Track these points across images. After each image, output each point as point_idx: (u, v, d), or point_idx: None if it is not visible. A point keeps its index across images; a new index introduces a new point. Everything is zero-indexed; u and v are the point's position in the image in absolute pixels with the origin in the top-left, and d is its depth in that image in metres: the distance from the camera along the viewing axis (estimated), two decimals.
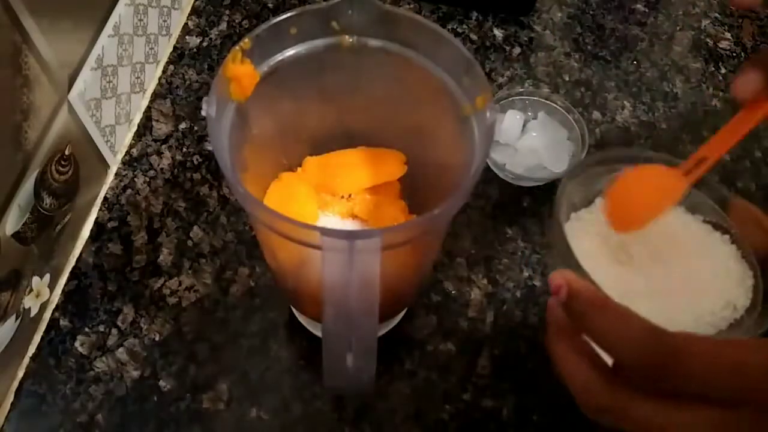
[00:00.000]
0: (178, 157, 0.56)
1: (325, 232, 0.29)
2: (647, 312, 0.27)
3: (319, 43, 0.38)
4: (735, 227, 0.32)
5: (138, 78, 0.57)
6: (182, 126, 0.58)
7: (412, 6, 0.66)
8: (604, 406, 0.26)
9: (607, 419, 0.26)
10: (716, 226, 0.33)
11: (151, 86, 0.60)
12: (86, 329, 0.48)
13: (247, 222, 0.52)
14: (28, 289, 0.46)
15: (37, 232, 0.46)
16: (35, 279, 0.47)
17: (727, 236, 0.33)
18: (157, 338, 0.48)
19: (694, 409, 0.24)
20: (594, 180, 0.35)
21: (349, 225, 0.47)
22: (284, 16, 0.37)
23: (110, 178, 0.55)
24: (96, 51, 0.49)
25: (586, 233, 0.34)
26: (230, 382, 0.46)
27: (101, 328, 0.48)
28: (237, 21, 0.64)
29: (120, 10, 0.52)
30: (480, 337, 0.49)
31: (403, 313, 0.48)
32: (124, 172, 0.55)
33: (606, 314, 0.25)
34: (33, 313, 0.47)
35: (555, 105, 0.57)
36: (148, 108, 0.58)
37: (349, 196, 0.47)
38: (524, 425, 0.46)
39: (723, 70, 0.64)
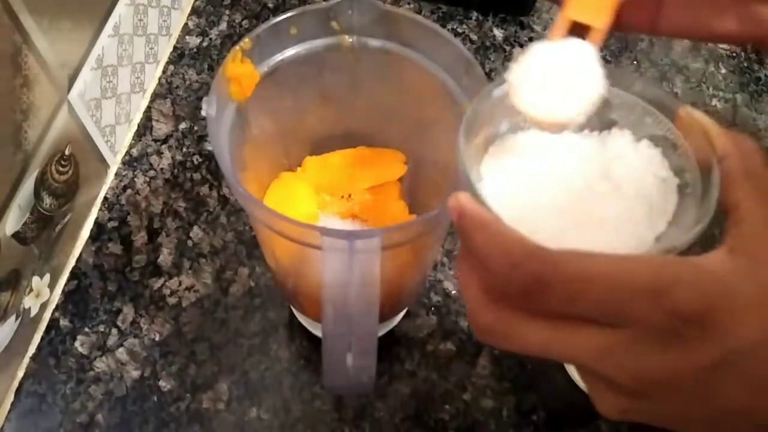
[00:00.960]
0: (178, 157, 0.56)
1: (325, 232, 0.29)
2: (558, 236, 0.25)
3: (319, 43, 0.38)
4: (681, 138, 0.29)
5: (138, 78, 0.57)
6: (182, 126, 0.58)
7: (412, 6, 0.66)
8: (487, 325, 0.25)
9: (493, 340, 0.25)
10: (657, 140, 0.30)
11: (151, 86, 0.60)
12: (86, 329, 0.48)
13: (247, 222, 0.52)
14: (28, 289, 0.46)
15: (37, 232, 0.46)
16: (35, 279, 0.47)
17: (658, 150, 0.30)
18: (157, 338, 0.48)
19: (575, 330, 0.23)
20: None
21: (349, 225, 0.47)
22: (284, 16, 0.37)
23: (110, 178, 0.55)
24: (96, 51, 0.49)
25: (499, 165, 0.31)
26: (230, 382, 0.46)
27: (101, 328, 0.48)
28: (237, 21, 0.64)
29: (120, 10, 0.52)
30: None
31: (403, 313, 0.48)
32: (124, 172, 0.55)
33: (485, 232, 0.24)
34: (33, 313, 0.47)
35: None
36: (148, 108, 0.58)
37: (349, 196, 0.47)
38: (524, 425, 0.46)
39: (723, 70, 0.64)
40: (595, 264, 0.22)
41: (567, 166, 0.31)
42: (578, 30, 0.31)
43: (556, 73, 0.30)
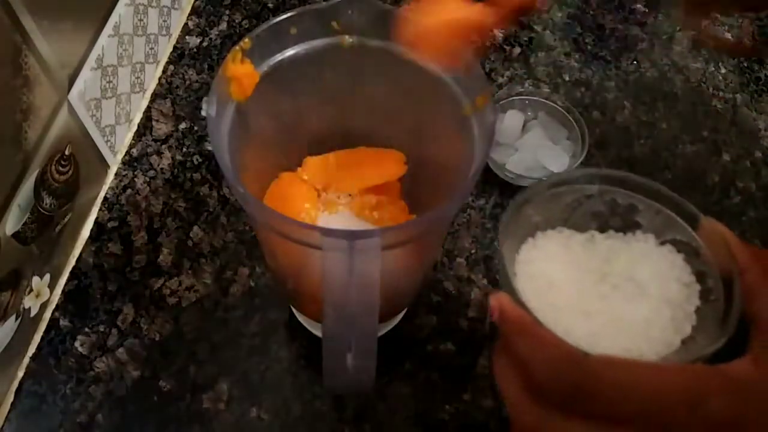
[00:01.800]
0: (178, 157, 0.56)
1: (325, 232, 0.29)
2: (589, 337, 0.27)
3: (319, 43, 0.38)
4: (703, 247, 0.32)
5: (138, 78, 0.57)
6: (182, 126, 0.58)
7: None
8: (529, 423, 0.26)
9: None
10: (680, 245, 0.33)
11: (151, 86, 0.60)
12: (86, 329, 0.48)
13: (247, 222, 0.52)
14: (28, 289, 0.46)
15: (37, 232, 0.46)
16: (35, 279, 0.47)
17: (681, 255, 0.32)
18: (157, 338, 0.48)
19: (614, 430, 0.25)
20: (551, 203, 0.34)
21: (350, 225, 0.47)
22: (284, 16, 0.37)
23: (110, 178, 0.55)
24: (96, 51, 0.49)
25: (535, 258, 0.33)
26: (230, 382, 0.46)
27: (101, 328, 0.48)
28: (237, 21, 0.64)
29: (120, 10, 0.52)
30: (480, 337, 0.49)
31: (403, 313, 0.48)
32: (124, 172, 0.55)
33: (527, 337, 0.26)
34: (33, 313, 0.47)
35: (555, 105, 0.57)
36: (148, 108, 0.58)
37: (349, 196, 0.47)
38: None
39: (723, 70, 0.64)
40: (634, 373, 0.24)
41: (594, 265, 0.33)
42: None
43: None
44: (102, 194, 0.54)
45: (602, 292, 0.31)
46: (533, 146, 0.55)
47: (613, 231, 0.34)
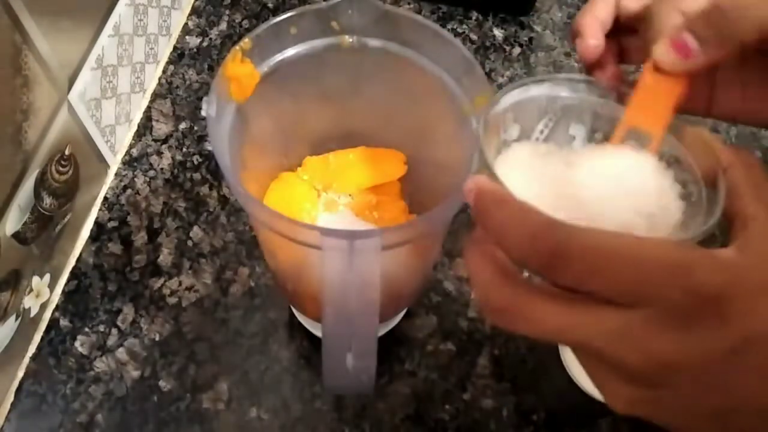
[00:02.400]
0: (178, 157, 0.56)
1: (325, 232, 0.29)
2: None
3: (319, 43, 0.38)
4: (685, 154, 0.30)
5: (138, 78, 0.57)
6: (182, 126, 0.58)
7: (412, 6, 0.66)
8: (500, 305, 0.24)
9: (506, 321, 0.25)
10: (661, 155, 0.31)
11: (151, 86, 0.60)
12: (86, 329, 0.48)
13: (247, 222, 0.52)
14: (28, 289, 0.46)
15: (37, 232, 0.46)
16: (35, 279, 0.47)
17: (662, 163, 0.31)
18: (157, 338, 0.48)
19: (591, 310, 0.23)
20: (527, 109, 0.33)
21: (350, 225, 0.47)
22: (284, 16, 0.37)
23: (110, 178, 0.55)
24: (96, 51, 0.49)
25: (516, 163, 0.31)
26: (230, 382, 0.46)
27: (101, 328, 0.48)
28: (237, 21, 0.64)
29: (120, 10, 0.52)
30: (480, 337, 0.49)
31: (403, 313, 0.48)
32: (124, 172, 0.55)
33: (504, 208, 0.24)
34: (33, 313, 0.47)
35: None
36: (148, 108, 0.58)
37: (349, 196, 0.47)
38: (524, 425, 0.46)
39: None
40: (616, 240, 0.22)
41: (575, 171, 0.31)
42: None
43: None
44: (102, 194, 0.54)
45: (582, 195, 0.29)
46: None
47: (594, 143, 0.32)
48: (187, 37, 0.63)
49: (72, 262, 0.51)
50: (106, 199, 0.54)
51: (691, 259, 0.22)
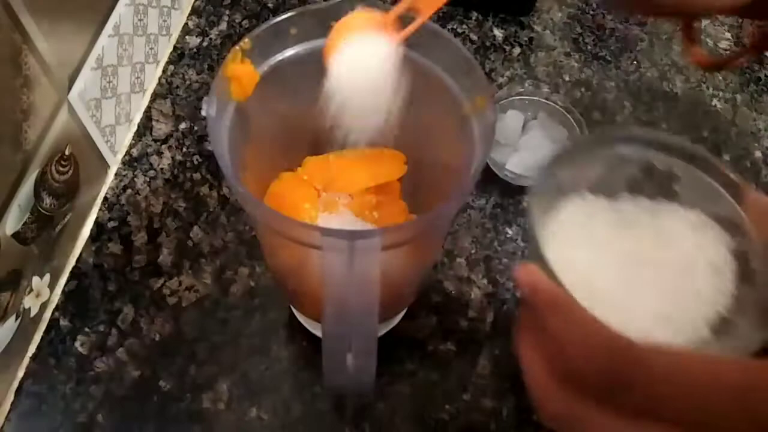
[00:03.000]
0: (178, 157, 0.56)
1: (325, 232, 0.29)
2: (617, 313, 0.24)
3: (319, 43, 0.38)
4: (746, 220, 0.28)
5: (138, 78, 0.57)
6: (182, 126, 0.58)
7: None
8: (558, 414, 0.24)
9: (561, 426, 0.24)
10: (721, 219, 0.30)
11: (151, 86, 0.60)
12: (86, 329, 0.48)
13: (247, 222, 0.52)
14: (28, 289, 0.46)
15: (37, 232, 0.46)
16: (35, 279, 0.47)
17: (720, 229, 0.29)
18: (157, 338, 0.48)
19: (654, 429, 0.22)
20: (584, 165, 0.32)
21: (350, 225, 0.47)
22: (284, 16, 0.37)
23: (110, 178, 0.55)
24: (96, 51, 0.49)
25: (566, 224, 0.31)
26: (230, 382, 0.46)
27: (101, 328, 0.48)
28: (237, 21, 0.64)
29: (120, 10, 0.52)
30: (480, 337, 0.49)
31: (403, 313, 0.48)
32: (124, 172, 0.55)
33: (564, 316, 0.23)
34: (33, 313, 0.47)
35: (555, 105, 0.57)
36: (148, 108, 0.58)
37: (349, 196, 0.47)
38: (524, 425, 0.46)
39: (723, 71, 0.64)
40: (685, 367, 0.22)
41: (622, 237, 0.30)
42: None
43: None
44: (102, 194, 0.54)
45: (629, 266, 0.29)
46: (533, 146, 0.55)
47: (644, 198, 0.31)
48: (187, 37, 0.63)
49: (72, 262, 0.51)
50: (106, 199, 0.54)
51: (764, 385, 0.22)
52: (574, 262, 0.29)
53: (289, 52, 0.38)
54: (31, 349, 0.47)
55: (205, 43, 0.63)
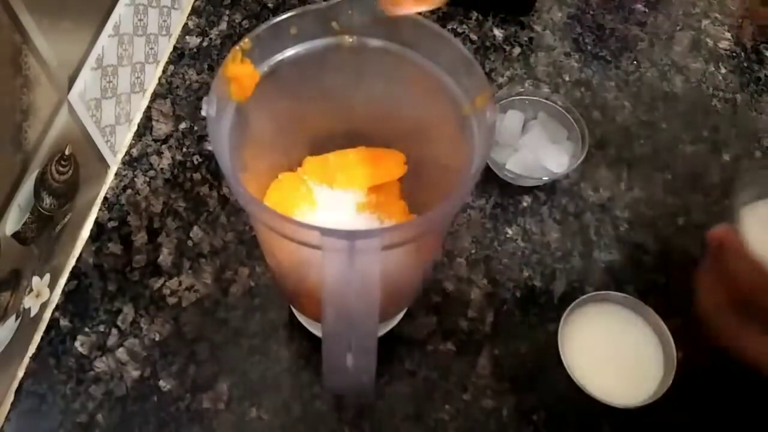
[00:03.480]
0: (178, 157, 0.56)
1: (325, 232, 0.29)
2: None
3: (319, 43, 0.38)
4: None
5: (138, 78, 0.57)
6: (182, 126, 0.58)
7: None
8: (728, 329, 0.31)
9: (730, 342, 0.31)
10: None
11: (151, 86, 0.60)
12: (86, 329, 0.48)
13: (247, 222, 0.52)
14: (28, 289, 0.46)
15: (37, 232, 0.46)
16: (35, 279, 0.47)
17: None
18: (157, 338, 0.48)
19: None
20: None
21: (350, 225, 0.47)
22: (284, 16, 0.37)
23: (110, 178, 0.55)
24: (96, 51, 0.49)
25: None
26: (230, 382, 0.46)
27: (101, 328, 0.48)
28: (237, 21, 0.64)
29: (120, 10, 0.52)
30: (480, 337, 0.49)
31: (403, 313, 0.48)
32: (124, 172, 0.55)
33: (742, 259, 0.30)
34: (33, 313, 0.47)
35: (555, 105, 0.57)
36: (148, 108, 0.58)
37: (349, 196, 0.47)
38: (524, 425, 0.46)
39: (723, 70, 0.64)
40: None
41: None
42: None
43: None
44: (102, 194, 0.54)
45: None
46: (533, 146, 0.55)
47: None
48: (187, 37, 0.63)
49: (72, 262, 0.51)
50: (106, 199, 0.54)
51: None
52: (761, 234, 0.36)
53: (289, 52, 0.38)
54: (31, 349, 0.47)
55: (205, 43, 0.63)
